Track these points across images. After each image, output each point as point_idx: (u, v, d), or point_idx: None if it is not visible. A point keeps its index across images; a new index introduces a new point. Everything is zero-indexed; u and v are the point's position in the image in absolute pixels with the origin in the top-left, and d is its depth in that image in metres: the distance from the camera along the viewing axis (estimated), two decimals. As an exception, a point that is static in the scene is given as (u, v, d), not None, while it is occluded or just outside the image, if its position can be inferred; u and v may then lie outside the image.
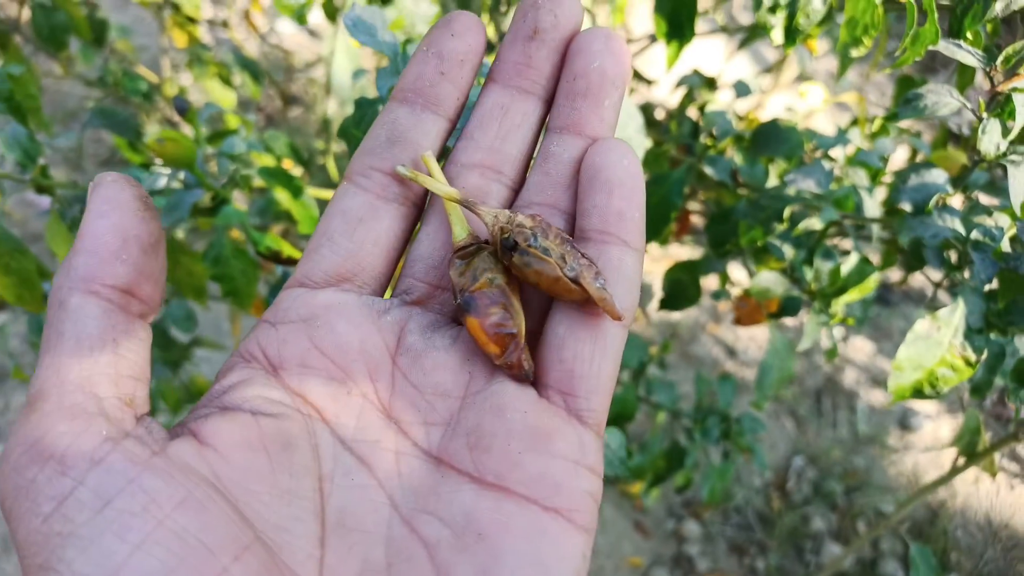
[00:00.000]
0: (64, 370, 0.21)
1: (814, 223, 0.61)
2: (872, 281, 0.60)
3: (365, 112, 0.55)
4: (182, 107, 0.59)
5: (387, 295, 0.28)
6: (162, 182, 0.62)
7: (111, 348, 0.22)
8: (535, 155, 0.28)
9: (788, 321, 2.10)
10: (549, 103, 0.27)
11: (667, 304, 0.83)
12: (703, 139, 0.80)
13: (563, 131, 0.26)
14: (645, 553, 1.61)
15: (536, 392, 0.25)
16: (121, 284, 0.23)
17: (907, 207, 0.56)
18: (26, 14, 1.08)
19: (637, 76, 1.08)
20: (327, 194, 0.83)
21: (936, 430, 1.93)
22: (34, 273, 0.62)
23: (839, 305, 0.62)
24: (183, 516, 0.19)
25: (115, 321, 0.22)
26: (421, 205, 0.28)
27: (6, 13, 1.23)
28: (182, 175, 0.60)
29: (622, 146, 0.26)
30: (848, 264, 0.61)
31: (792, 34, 0.52)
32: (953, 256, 0.73)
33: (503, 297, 0.25)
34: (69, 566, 0.18)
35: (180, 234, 0.72)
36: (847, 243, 0.85)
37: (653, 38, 0.97)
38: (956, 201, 0.68)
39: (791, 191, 0.62)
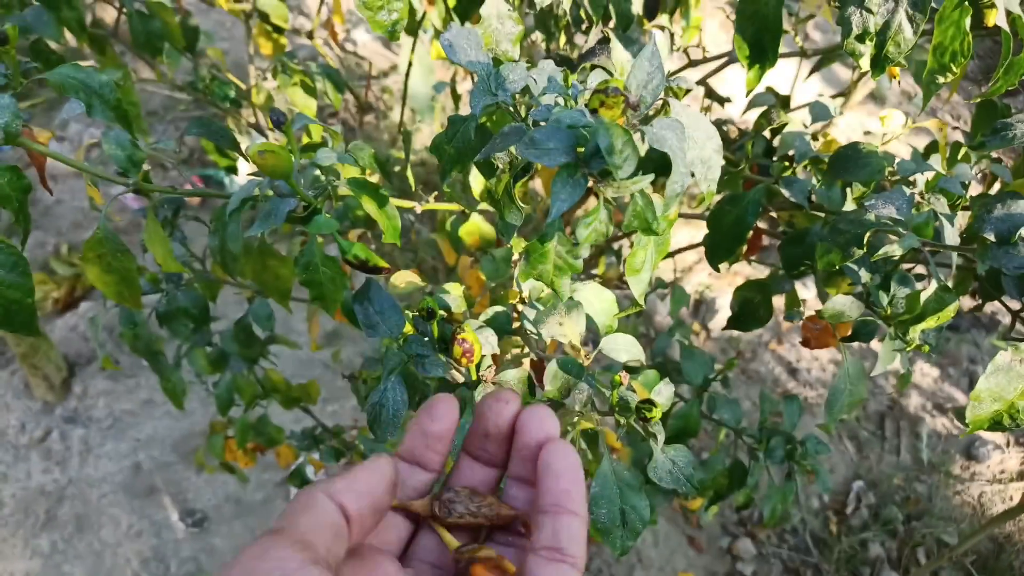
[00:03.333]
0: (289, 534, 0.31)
1: (894, 249, 0.61)
2: (952, 309, 0.60)
3: (458, 129, 0.57)
4: (278, 120, 0.61)
5: None
6: (256, 190, 0.65)
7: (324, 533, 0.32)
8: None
9: (855, 343, 2.06)
10: (505, 466, 0.39)
11: (736, 323, 0.83)
12: (779, 160, 0.80)
13: (517, 479, 0.38)
14: (698, 569, 1.60)
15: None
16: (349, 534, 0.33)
17: (991, 236, 0.56)
18: (121, 20, 1.13)
19: (710, 95, 1.09)
20: (406, 204, 0.85)
21: (1004, 461, 1.88)
22: (134, 272, 0.66)
23: (916, 332, 0.62)
24: None
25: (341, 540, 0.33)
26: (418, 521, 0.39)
27: (100, 18, 1.29)
28: (277, 183, 0.63)
29: (564, 446, 0.36)
30: (928, 291, 0.61)
31: (881, 62, 0.53)
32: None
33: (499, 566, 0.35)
34: None
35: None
36: (919, 268, 0.84)
37: (728, 57, 0.98)
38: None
39: (871, 216, 0.62)
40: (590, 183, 0.44)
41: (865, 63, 0.53)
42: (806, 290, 2.05)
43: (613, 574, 1.55)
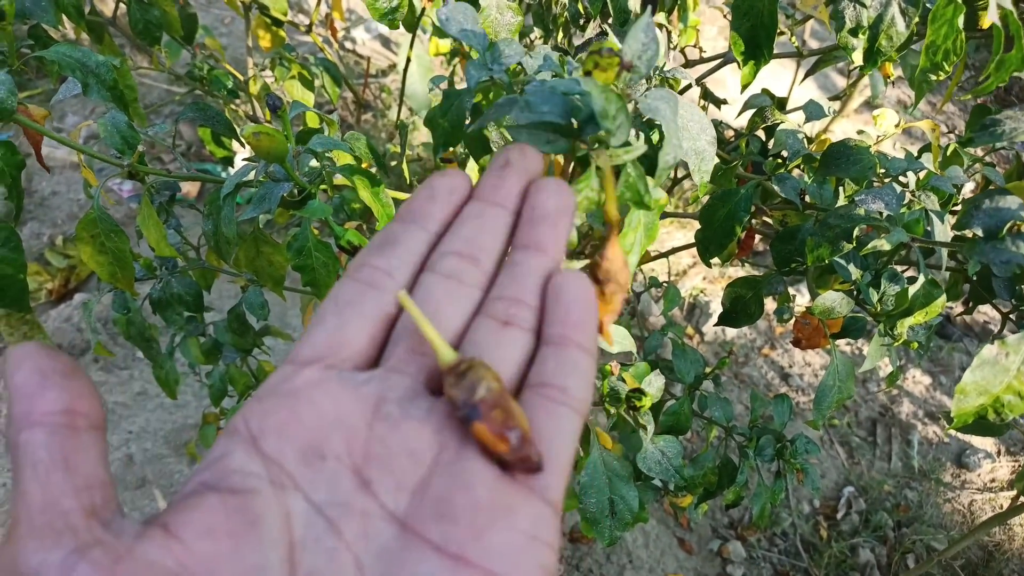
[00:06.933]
0: (28, 496, 0.24)
1: (882, 244, 0.61)
2: (939, 304, 0.60)
3: (452, 102, 0.57)
4: (274, 104, 0.62)
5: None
6: (251, 174, 0.66)
7: (62, 467, 0.24)
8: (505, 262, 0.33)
9: (846, 347, 2.07)
10: (516, 215, 0.33)
11: (727, 320, 0.83)
12: (772, 158, 0.81)
13: (525, 248, 0.32)
14: (688, 571, 1.60)
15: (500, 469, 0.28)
16: (57, 408, 0.25)
17: (978, 232, 0.56)
18: (120, 9, 1.13)
19: (707, 96, 1.09)
20: (402, 195, 0.86)
21: (994, 470, 1.88)
22: (127, 253, 0.66)
23: (904, 327, 0.62)
24: None
25: (61, 441, 0.25)
26: (408, 290, 0.32)
27: (100, 8, 1.29)
28: (272, 168, 0.63)
29: (580, 276, 0.31)
30: (915, 286, 0.61)
31: (873, 56, 0.53)
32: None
33: (502, 400, 0.27)
34: None
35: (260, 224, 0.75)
36: (911, 272, 0.85)
37: (724, 58, 0.98)
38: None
39: (860, 211, 0.62)
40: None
41: (858, 57, 0.54)
42: (800, 296, 2.06)
43: (603, 574, 1.55)
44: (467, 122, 0.59)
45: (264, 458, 0.26)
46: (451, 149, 0.61)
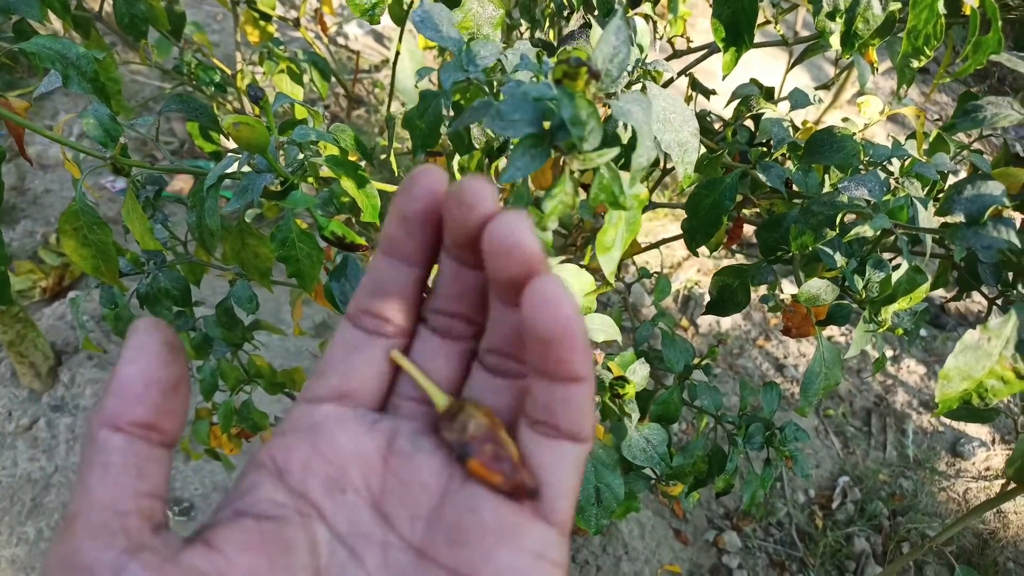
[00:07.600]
0: (92, 494, 0.25)
1: (866, 231, 0.61)
2: (923, 290, 0.60)
3: (429, 104, 0.57)
4: (256, 95, 0.62)
5: None
6: (235, 166, 0.66)
7: (132, 473, 0.26)
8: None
9: (840, 337, 2.07)
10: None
11: (714, 308, 0.84)
12: (757, 146, 0.81)
13: (501, 301, 0.29)
14: (683, 561, 1.60)
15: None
16: (142, 421, 0.26)
17: (960, 217, 0.57)
18: (107, 5, 1.13)
19: (695, 86, 1.09)
20: (390, 188, 0.86)
21: (989, 458, 1.88)
22: (111, 246, 0.66)
23: (888, 313, 0.62)
24: None
25: (137, 450, 0.26)
26: (409, 337, 0.32)
27: (90, 8, 1.29)
28: (254, 159, 0.63)
29: (554, 291, 0.26)
30: (899, 272, 0.61)
31: (850, 40, 0.53)
32: (1010, 275, 0.72)
33: (491, 434, 0.28)
34: None
35: (247, 218, 0.75)
36: (898, 260, 0.85)
37: (709, 48, 0.98)
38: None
39: (843, 198, 0.62)
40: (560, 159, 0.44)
41: (835, 41, 0.54)
42: (792, 286, 2.07)
43: (600, 565, 1.55)
44: (447, 119, 0.59)
45: (290, 491, 0.28)
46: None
